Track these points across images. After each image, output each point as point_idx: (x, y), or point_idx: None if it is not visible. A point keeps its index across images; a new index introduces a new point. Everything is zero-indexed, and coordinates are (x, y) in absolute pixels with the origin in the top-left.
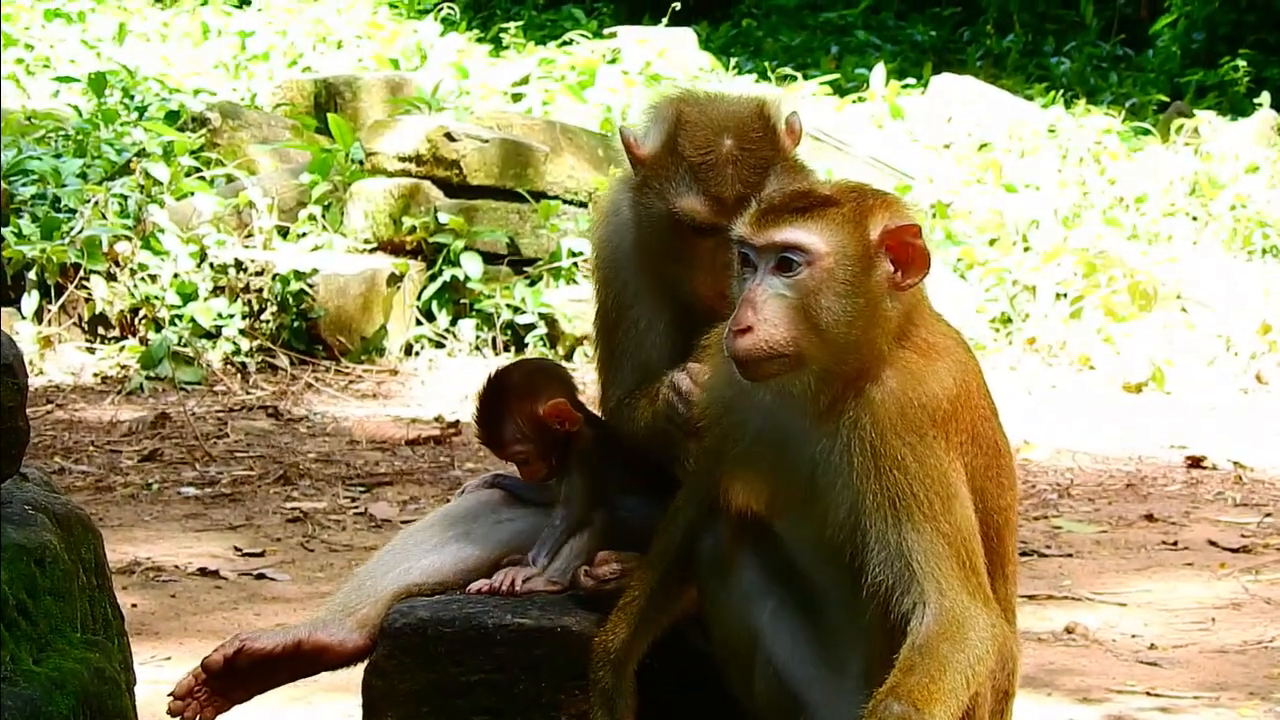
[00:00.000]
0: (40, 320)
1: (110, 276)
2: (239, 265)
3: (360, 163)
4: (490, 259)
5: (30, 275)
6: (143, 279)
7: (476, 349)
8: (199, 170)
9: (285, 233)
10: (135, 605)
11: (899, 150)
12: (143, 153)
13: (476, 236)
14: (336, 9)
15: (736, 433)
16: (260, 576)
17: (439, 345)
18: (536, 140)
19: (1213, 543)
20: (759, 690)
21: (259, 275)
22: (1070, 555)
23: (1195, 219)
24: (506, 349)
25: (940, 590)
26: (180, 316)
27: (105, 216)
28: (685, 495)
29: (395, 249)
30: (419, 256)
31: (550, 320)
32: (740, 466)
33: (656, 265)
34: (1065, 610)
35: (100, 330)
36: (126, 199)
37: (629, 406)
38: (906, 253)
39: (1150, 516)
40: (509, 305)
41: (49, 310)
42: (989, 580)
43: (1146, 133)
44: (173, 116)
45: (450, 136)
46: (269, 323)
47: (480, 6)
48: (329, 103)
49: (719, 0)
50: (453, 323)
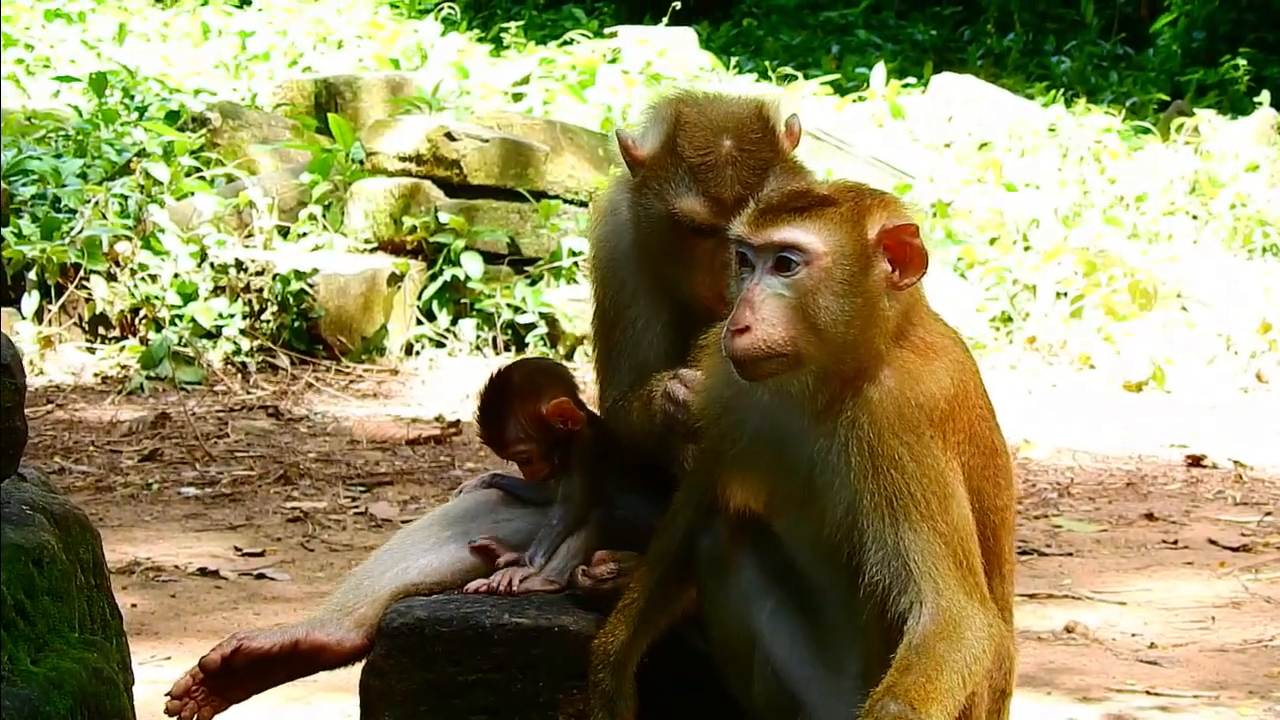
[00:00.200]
0: (40, 320)
1: (110, 276)
2: (239, 265)
3: (361, 162)
4: (491, 259)
5: (30, 275)
6: (143, 279)
7: (477, 349)
8: (199, 170)
9: (285, 233)
10: (135, 605)
11: (899, 150)
12: (143, 153)
13: (477, 236)
14: (337, 9)
15: (735, 432)
16: (260, 576)
17: (439, 345)
18: (537, 140)
19: (1213, 542)
20: (758, 690)
21: (259, 275)
22: (1070, 554)
23: (1195, 218)
24: (507, 349)
25: (937, 590)
26: (180, 316)
27: (105, 216)
28: (684, 495)
29: (396, 249)
30: (419, 256)
31: (551, 320)
32: (738, 466)
33: (655, 265)
34: (1065, 609)
35: (100, 330)
36: (127, 199)
37: (624, 407)
38: (904, 252)
39: (1150, 515)
40: (509, 305)
41: (49, 310)
42: (986, 580)
43: (1147, 132)
44: (173, 116)
45: (451, 136)
46: (269, 322)
47: (481, 6)
48: (329, 103)
49: (719, 0)
50: (453, 322)
